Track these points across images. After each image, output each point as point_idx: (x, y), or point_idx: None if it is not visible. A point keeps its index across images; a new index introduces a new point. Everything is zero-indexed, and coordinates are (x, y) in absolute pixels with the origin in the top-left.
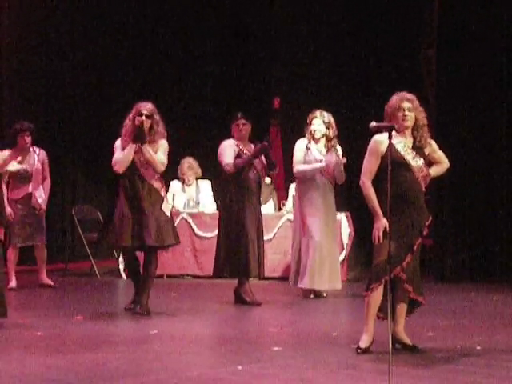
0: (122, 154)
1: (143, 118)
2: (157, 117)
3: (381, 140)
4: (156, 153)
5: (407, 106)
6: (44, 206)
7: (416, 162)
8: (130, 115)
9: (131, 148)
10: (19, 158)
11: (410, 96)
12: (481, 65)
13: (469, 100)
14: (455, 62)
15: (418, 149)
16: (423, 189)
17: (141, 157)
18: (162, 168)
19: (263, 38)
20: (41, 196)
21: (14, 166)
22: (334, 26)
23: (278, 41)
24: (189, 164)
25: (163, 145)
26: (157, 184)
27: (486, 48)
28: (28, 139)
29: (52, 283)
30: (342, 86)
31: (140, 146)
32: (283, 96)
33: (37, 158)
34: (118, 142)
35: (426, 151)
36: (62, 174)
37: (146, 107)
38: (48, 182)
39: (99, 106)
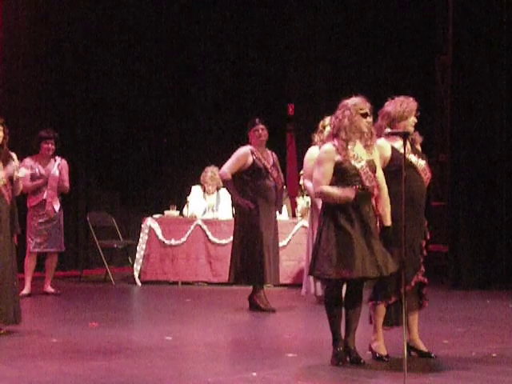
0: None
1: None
2: None
3: (382, 145)
4: None
5: None
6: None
7: (420, 165)
8: (346, 112)
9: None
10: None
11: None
12: (496, 71)
13: (484, 106)
14: (470, 68)
15: (416, 151)
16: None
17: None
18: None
19: (278, 46)
20: (56, 204)
21: (21, 172)
22: (348, 33)
23: (293, 48)
24: (212, 174)
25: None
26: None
27: (501, 54)
28: (51, 147)
29: (53, 290)
30: (356, 92)
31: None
32: (298, 102)
33: (57, 166)
34: (331, 148)
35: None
36: (76, 181)
37: (367, 104)
38: (65, 185)
39: (112, 112)
